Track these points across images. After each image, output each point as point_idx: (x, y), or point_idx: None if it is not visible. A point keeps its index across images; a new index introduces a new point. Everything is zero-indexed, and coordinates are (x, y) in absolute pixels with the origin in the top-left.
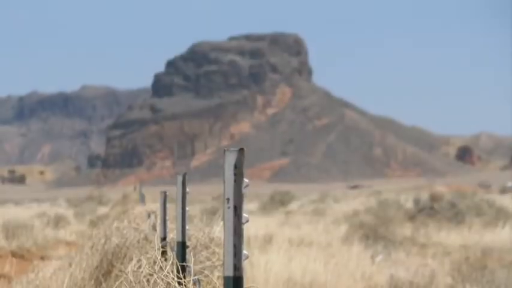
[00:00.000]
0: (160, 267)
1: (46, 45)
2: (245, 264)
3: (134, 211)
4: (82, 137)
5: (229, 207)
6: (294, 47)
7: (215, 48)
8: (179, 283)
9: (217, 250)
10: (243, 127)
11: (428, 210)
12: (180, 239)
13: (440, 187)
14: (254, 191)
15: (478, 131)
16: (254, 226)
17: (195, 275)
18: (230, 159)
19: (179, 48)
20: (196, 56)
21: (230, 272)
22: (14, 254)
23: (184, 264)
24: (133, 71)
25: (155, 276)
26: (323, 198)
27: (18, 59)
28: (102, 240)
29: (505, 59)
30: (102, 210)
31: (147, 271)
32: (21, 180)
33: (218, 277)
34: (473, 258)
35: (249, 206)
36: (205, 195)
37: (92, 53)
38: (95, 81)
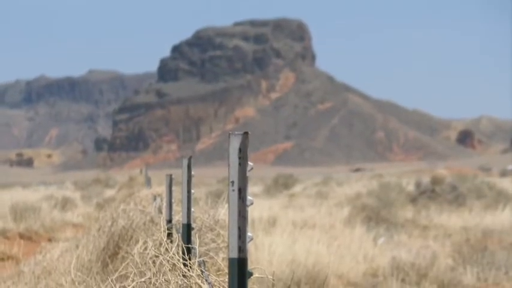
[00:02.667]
0: (166, 249)
1: (53, 30)
2: (249, 246)
3: (140, 194)
4: (89, 121)
5: (233, 190)
6: (298, 32)
7: (220, 33)
8: (184, 264)
9: (222, 232)
10: (247, 111)
11: (430, 193)
12: (185, 221)
13: (442, 170)
14: (258, 174)
15: (478, 114)
16: (258, 209)
17: (200, 256)
18: (235, 142)
19: (184, 33)
20: (201, 41)
21: (235, 254)
22: (21, 236)
23: (189, 246)
24: (140, 55)
25: (161, 257)
26: (326, 181)
27: (26, 44)
28: (109, 223)
29: (505, 43)
30: (109, 193)
31: (153, 253)
32: (29, 163)
33: (223, 259)
34: (474, 240)
35: (253, 189)
36: (210, 178)
37: (99, 38)
38: (102, 65)
